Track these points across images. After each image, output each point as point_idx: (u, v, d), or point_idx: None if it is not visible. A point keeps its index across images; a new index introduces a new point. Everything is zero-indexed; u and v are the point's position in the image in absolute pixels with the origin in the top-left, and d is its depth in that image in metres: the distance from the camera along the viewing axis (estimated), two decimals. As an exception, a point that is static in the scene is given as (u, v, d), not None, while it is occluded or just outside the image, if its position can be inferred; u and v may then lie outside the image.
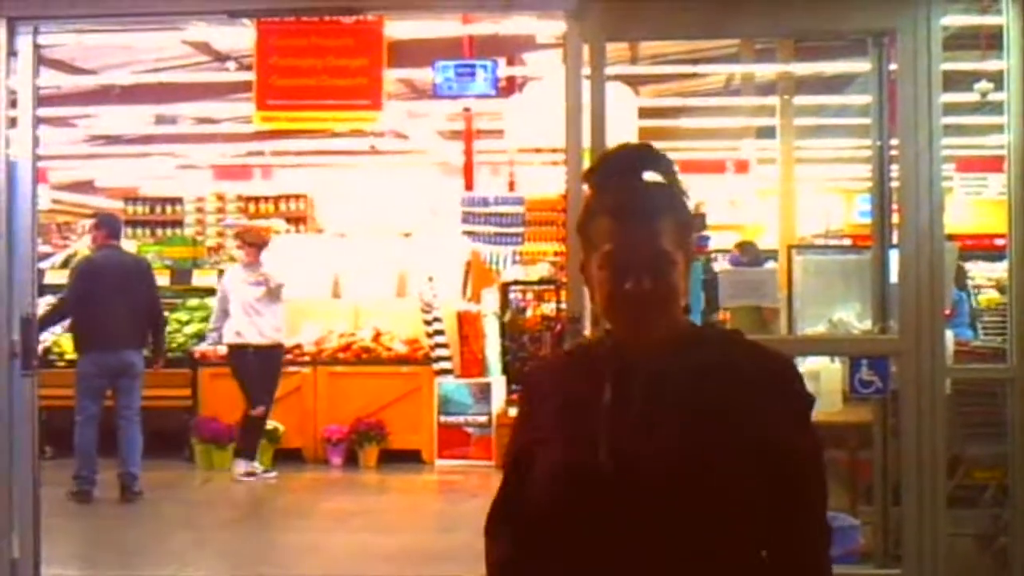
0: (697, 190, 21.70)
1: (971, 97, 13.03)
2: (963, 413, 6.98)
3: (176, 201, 17.65)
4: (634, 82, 15.04)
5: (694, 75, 18.57)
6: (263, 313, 11.00)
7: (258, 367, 10.88)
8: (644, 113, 14.87)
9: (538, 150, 16.65)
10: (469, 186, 18.47)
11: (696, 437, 2.18)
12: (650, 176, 2.36)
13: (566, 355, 2.83)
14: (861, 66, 5.95)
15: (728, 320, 9.79)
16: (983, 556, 6.68)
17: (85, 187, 26.75)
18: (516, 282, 13.31)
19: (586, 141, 5.34)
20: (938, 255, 5.19)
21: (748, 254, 13.30)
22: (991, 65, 10.82)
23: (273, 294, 11.07)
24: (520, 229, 16.77)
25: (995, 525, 6.52)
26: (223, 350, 11.20)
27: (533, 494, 2.29)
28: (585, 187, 2.43)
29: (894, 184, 5.59)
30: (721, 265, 13.91)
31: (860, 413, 6.23)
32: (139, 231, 17.26)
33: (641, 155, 2.38)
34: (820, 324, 6.62)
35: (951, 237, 11.56)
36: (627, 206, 2.28)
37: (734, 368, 2.28)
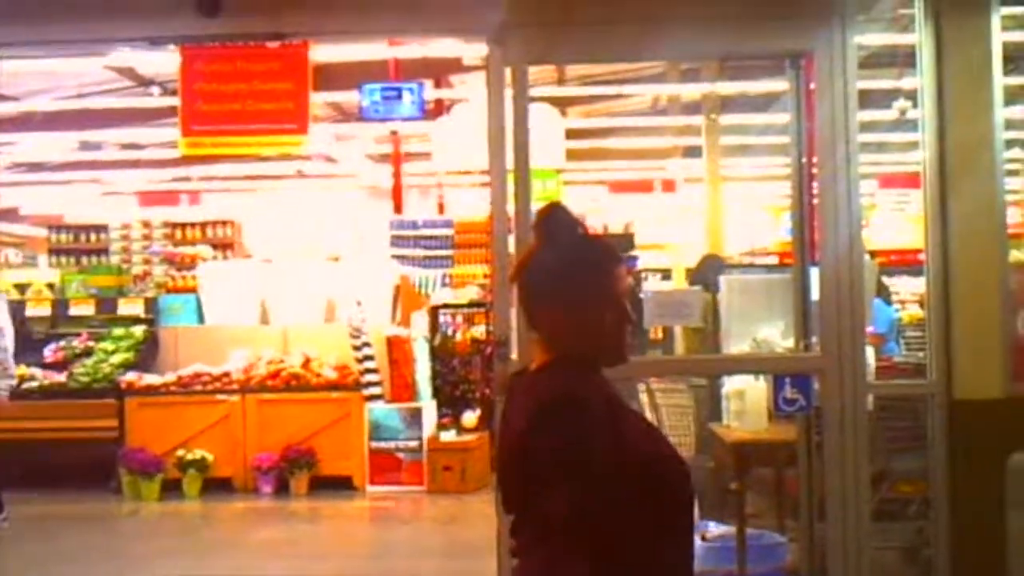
0: (625, 210, 21.91)
1: (891, 114, 13.24)
2: (887, 428, 7.07)
3: (101, 228, 17.42)
4: (561, 103, 15.12)
5: (620, 96, 18.70)
6: None
7: None
8: (572, 134, 14.97)
9: (466, 172, 16.68)
10: (398, 209, 18.47)
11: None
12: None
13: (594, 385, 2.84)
14: (784, 85, 6.01)
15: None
16: (909, 568, 6.76)
17: (9, 215, 26.37)
18: (446, 305, 13.29)
19: (510, 163, 5.35)
20: (857, 272, 5.25)
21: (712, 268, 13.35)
22: (909, 83, 11.00)
23: None
24: (449, 252, 16.79)
25: (920, 537, 6.60)
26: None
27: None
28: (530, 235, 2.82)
29: (815, 202, 5.65)
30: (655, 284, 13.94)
31: (785, 431, 6.27)
32: (63, 259, 17.01)
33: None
34: (745, 343, 6.67)
35: (875, 253, 11.77)
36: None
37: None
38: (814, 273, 5.56)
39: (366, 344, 12.03)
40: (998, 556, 5.16)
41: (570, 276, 2.63)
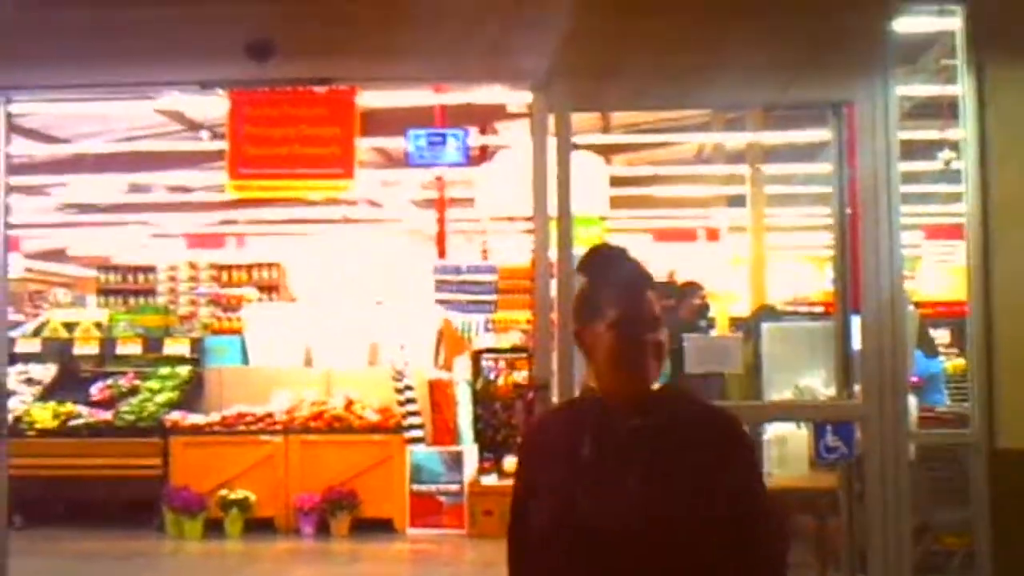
0: (669, 258, 21.92)
1: (936, 165, 13.19)
2: (930, 479, 7.02)
3: (149, 269, 17.62)
4: (606, 151, 15.19)
5: (665, 144, 18.77)
6: None
7: None
8: (616, 182, 15.01)
9: (510, 219, 16.79)
10: (442, 254, 18.56)
11: (658, 491, 2.65)
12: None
13: (556, 410, 3.47)
14: (828, 134, 6.04)
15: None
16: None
17: (58, 255, 26.71)
18: (488, 350, 13.32)
19: (554, 209, 5.40)
20: (900, 321, 5.26)
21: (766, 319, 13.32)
22: (954, 134, 10.98)
23: None
24: (492, 297, 16.84)
25: (963, 591, 6.54)
26: None
27: (529, 537, 2.83)
28: (578, 276, 2.95)
29: (858, 251, 5.65)
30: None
31: (826, 479, 6.26)
32: (111, 299, 17.20)
33: (622, 251, 2.90)
34: (787, 390, 6.66)
35: (920, 304, 11.69)
36: (630, 280, 2.83)
37: (693, 424, 2.77)
38: (856, 322, 5.56)
39: (408, 387, 12.09)
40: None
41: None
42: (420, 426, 11.95)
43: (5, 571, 5.64)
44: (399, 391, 12.06)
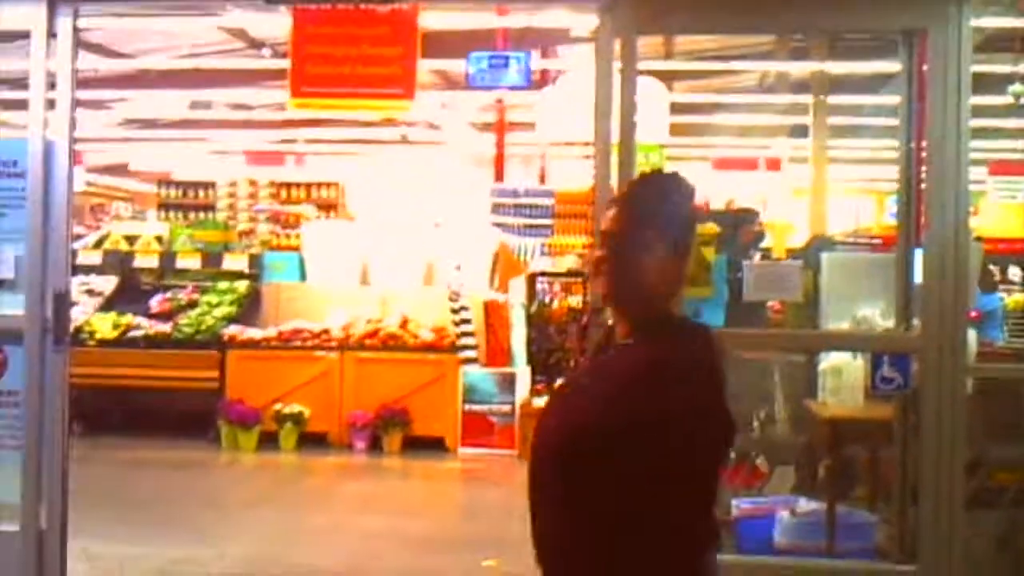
0: (728, 187, 21.74)
1: (1005, 100, 12.97)
2: (986, 414, 6.98)
3: (209, 186, 17.72)
4: (668, 78, 15.05)
5: (728, 72, 18.56)
6: None
7: None
8: (677, 109, 14.90)
9: (569, 144, 16.72)
10: (499, 177, 18.55)
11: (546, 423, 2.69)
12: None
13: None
14: (895, 66, 5.94)
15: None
16: (1000, 558, 6.69)
17: (119, 170, 26.98)
18: (544, 273, 13.35)
19: (615, 136, 5.37)
20: (963, 256, 5.20)
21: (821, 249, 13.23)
22: (1025, 68, 10.79)
23: None
24: (549, 221, 16.85)
25: (1014, 527, 6.53)
26: None
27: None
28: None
29: (923, 185, 5.59)
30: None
31: (881, 410, 6.23)
32: (172, 214, 17.38)
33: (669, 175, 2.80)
34: (844, 321, 6.63)
35: (980, 239, 11.54)
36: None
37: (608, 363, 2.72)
38: (918, 255, 5.51)
39: (463, 308, 12.16)
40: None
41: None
42: (474, 347, 12.02)
43: (66, 475, 5.76)
44: (454, 311, 12.13)
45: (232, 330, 12.08)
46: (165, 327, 12.22)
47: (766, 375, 7.65)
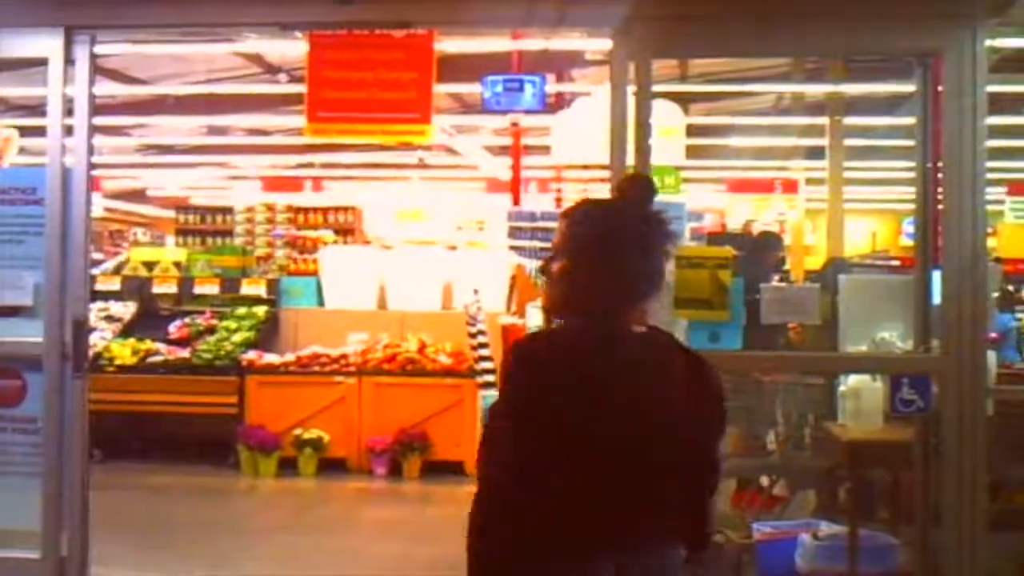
0: (744, 209, 21.72)
1: (1022, 120, 12.97)
2: (1007, 435, 6.94)
3: (226, 211, 17.81)
4: (683, 100, 15.05)
5: (744, 94, 18.55)
6: None
7: None
8: (693, 131, 14.90)
9: (585, 167, 16.72)
10: (516, 201, 18.54)
11: None
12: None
13: None
14: (910, 87, 5.94)
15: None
16: (1024, 581, 6.63)
17: (137, 196, 27.12)
18: (561, 297, 13.30)
19: (631, 159, 5.37)
20: (981, 276, 5.19)
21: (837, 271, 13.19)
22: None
23: None
24: (566, 244, 16.79)
25: (1036, 550, 6.48)
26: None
27: None
28: None
29: (940, 206, 5.58)
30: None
31: (901, 432, 6.20)
32: (189, 240, 17.45)
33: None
34: (863, 343, 6.60)
35: (1000, 260, 11.51)
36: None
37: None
38: (936, 276, 5.50)
39: (481, 332, 12.13)
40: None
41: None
42: (492, 371, 11.98)
43: (86, 501, 5.78)
44: (472, 335, 12.11)
45: (251, 355, 12.09)
46: (184, 352, 12.24)
47: (785, 397, 7.63)
